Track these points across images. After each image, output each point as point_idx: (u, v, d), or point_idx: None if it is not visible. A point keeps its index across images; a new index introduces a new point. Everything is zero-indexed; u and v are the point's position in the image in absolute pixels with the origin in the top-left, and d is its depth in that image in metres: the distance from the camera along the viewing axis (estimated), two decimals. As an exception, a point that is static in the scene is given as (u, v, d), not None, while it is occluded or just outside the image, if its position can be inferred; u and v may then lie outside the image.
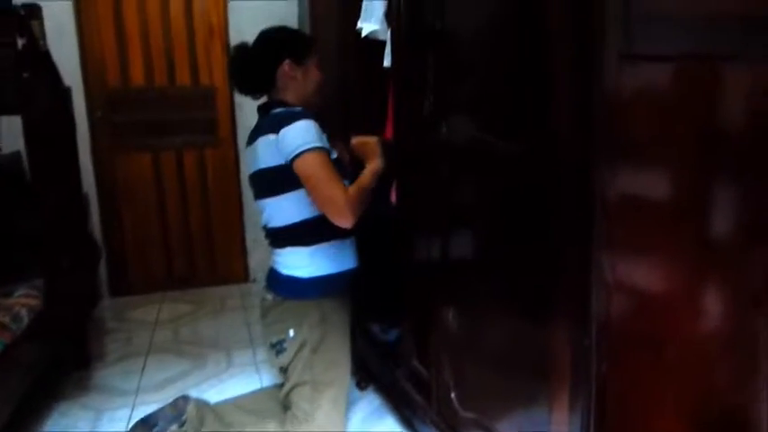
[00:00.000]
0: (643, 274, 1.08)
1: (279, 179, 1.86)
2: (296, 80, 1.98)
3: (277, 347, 1.94)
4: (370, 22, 2.13)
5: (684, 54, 1.05)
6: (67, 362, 2.63)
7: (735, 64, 1.09)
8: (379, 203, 1.94)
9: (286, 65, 1.95)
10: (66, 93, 2.84)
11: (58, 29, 3.23)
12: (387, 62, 2.01)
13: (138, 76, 3.65)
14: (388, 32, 1.95)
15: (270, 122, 1.88)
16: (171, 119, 3.75)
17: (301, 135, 1.80)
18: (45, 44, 2.57)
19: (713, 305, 1.15)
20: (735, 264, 1.14)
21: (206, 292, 3.79)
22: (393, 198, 2.00)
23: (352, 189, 1.84)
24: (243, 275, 3.94)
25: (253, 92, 2.03)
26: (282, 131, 1.80)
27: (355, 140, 2.03)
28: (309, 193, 1.82)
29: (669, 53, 1.04)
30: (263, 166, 1.87)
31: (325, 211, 1.81)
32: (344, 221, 1.79)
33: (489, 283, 1.42)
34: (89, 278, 3.15)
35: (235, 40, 3.49)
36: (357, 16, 2.17)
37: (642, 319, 1.10)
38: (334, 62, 2.45)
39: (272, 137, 1.83)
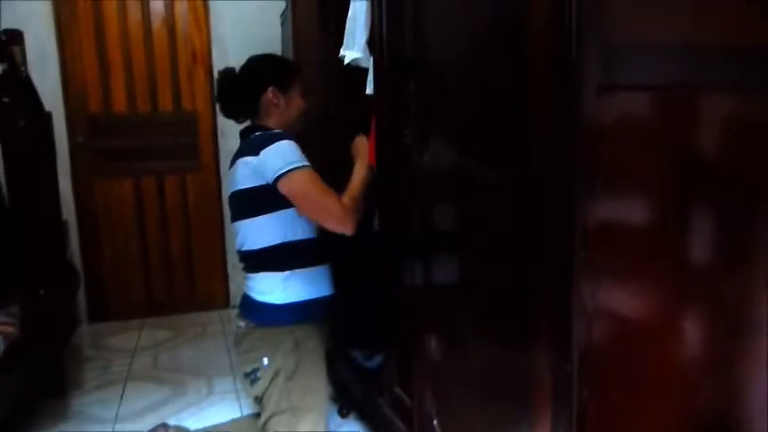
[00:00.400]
0: (623, 301, 1.09)
1: (255, 201, 1.86)
2: (279, 107, 2.01)
3: (251, 377, 1.92)
4: (353, 50, 2.14)
5: (663, 84, 1.07)
6: (44, 390, 2.58)
7: (712, 93, 1.11)
8: (361, 229, 1.94)
9: (270, 92, 1.98)
10: (46, 118, 2.83)
11: (40, 54, 3.23)
12: (369, 89, 2.03)
13: (120, 101, 3.65)
14: (371, 60, 1.97)
15: (249, 145, 1.89)
16: (153, 144, 3.74)
17: (284, 155, 1.81)
18: (26, 70, 2.57)
19: (692, 331, 1.16)
20: (712, 290, 1.15)
21: (186, 318, 3.76)
22: (375, 224, 2.01)
23: (346, 198, 1.87)
24: (224, 301, 3.92)
25: (236, 116, 2.06)
26: (263, 153, 1.81)
27: (356, 140, 2.08)
28: (304, 211, 1.85)
29: (647, 83, 1.06)
30: (240, 187, 1.88)
31: (326, 222, 1.83)
32: (347, 229, 1.82)
33: (471, 310, 1.42)
34: (67, 305, 3.11)
35: (218, 65, 3.51)
36: (339, 43, 2.19)
37: (623, 345, 1.10)
38: (316, 88, 2.46)
39: (250, 158, 1.84)
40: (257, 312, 1.93)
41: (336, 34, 2.22)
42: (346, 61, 2.16)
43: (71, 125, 3.56)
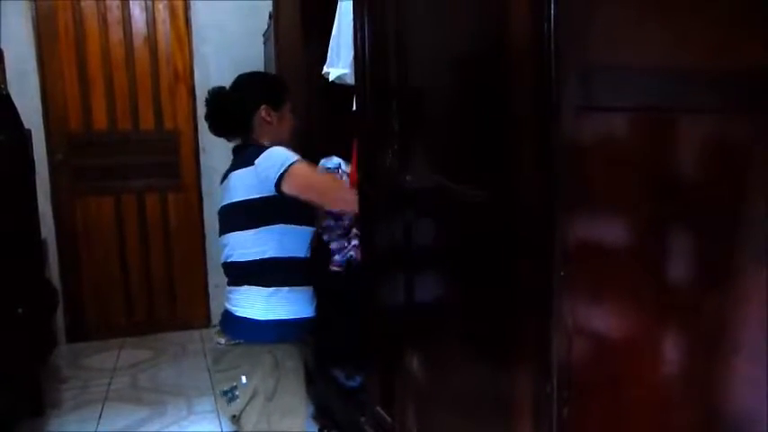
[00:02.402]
0: (603, 320, 1.10)
1: (249, 213, 1.87)
2: (271, 125, 2.04)
3: (229, 395, 1.90)
4: (337, 67, 2.16)
5: (642, 105, 1.08)
6: (21, 410, 2.54)
7: (691, 115, 1.12)
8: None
9: (263, 110, 2.01)
10: (26, 136, 2.81)
11: (20, 72, 3.22)
12: (355, 106, 2.04)
13: (100, 120, 3.64)
14: (356, 78, 1.98)
15: (244, 158, 1.91)
16: (133, 163, 3.73)
17: (278, 158, 1.85)
18: (5, 87, 2.56)
19: (671, 349, 1.17)
20: (691, 309, 1.16)
21: (166, 337, 3.72)
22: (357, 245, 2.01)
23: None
24: (204, 321, 3.89)
25: (228, 134, 2.05)
26: (258, 161, 1.84)
27: None
28: (313, 198, 1.90)
29: (627, 104, 1.07)
30: (236, 199, 1.88)
31: (335, 202, 1.93)
32: (350, 202, 1.83)
33: (452, 329, 1.43)
34: (45, 324, 3.07)
35: (200, 84, 3.52)
36: (323, 61, 2.20)
37: (602, 364, 1.11)
38: (300, 105, 2.47)
39: (246, 170, 1.86)
40: (237, 327, 1.92)
41: (320, 52, 2.24)
42: (331, 78, 2.17)
43: (51, 143, 3.54)
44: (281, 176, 1.80)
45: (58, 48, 3.52)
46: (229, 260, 1.94)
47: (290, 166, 1.82)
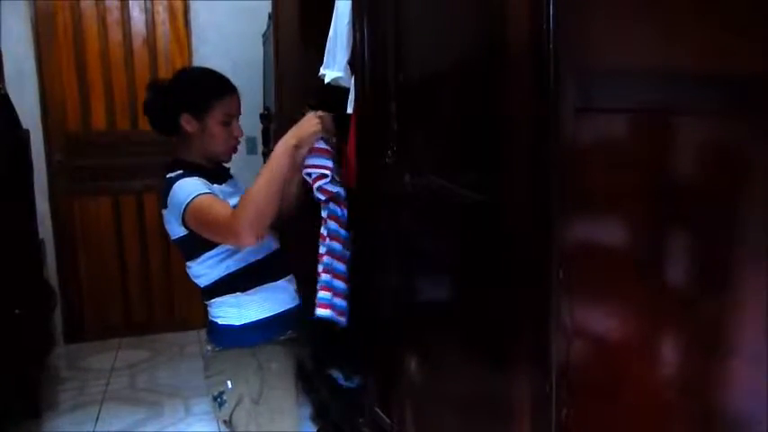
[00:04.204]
0: (601, 321, 1.10)
1: (188, 247, 1.83)
2: (195, 137, 1.87)
3: (218, 400, 1.89)
4: (333, 69, 2.15)
5: (639, 107, 1.08)
6: (18, 411, 2.53)
7: (688, 117, 1.12)
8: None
9: (183, 118, 1.84)
10: (24, 136, 2.81)
11: (18, 72, 3.22)
12: (350, 109, 2.03)
13: (99, 120, 3.64)
14: (352, 80, 1.98)
15: (162, 195, 1.84)
16: (132, 163, 3.72)
17: (181, 194, 1.74)
18: (4, 87, 2.55)
19: (669, 351, 1.17)
20: (689, 311, 1.16)
21: (164, 338, 3.72)
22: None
23: (241, 200, 1.67)
24: (202, 321, 3.83)
25: (163, 135, 1.95)
26: (168, 201, 1.78)
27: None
28: (209, 238, 1.75)
29: (624, 106, 1.07)
30: (171, 236, 1.86)
31: (224, 242, 1.73)
32: (242, 240, 1.64)
33: (451, 331, 1.43)
34: (43, 325, 3.07)
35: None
36: (320, 62, 2.20)
37: (601, 366, 1.11)
38: (298, 106, 2.47)
39: (165, 210, 1.81)
40: (219, 336, 1.91)
41: (318, 54, 2.23)
42: (327, 80, 2.17)
43: (49, 143, 3.53)
44: (183, 217, 1.72)
45: (57, 48, 3.52)
46: (197, 283, 1.93)
47: (188, 204, 1.70)
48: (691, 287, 1.17)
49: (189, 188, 1.74)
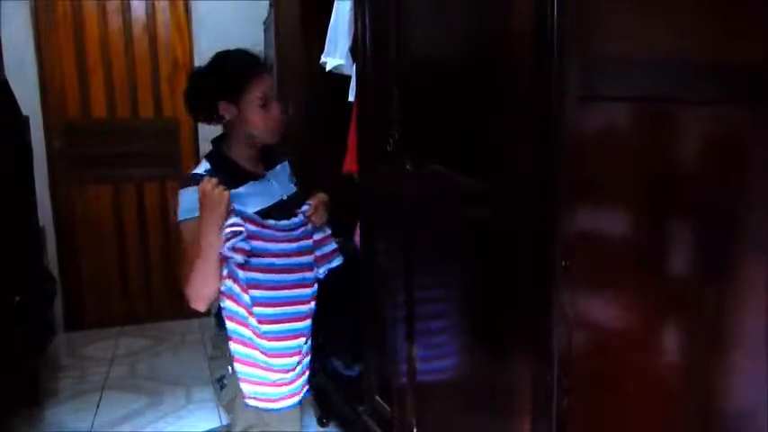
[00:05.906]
0: (603, 310, 1.09)
1: None
2: (236, 122, 1.85)
3: (220, 383, 1.90)
4: (335, 57, 2.14)
5: (642, 96, 1.08)
6: (18, 399, 2.54)
7: (692, 106, 1.12)
8: (344, 241, 1.93)
9: (221, 106, 1.83)
10: (24, 123, 2.79)
11: (17, 58, 3.19)
12: (351, 96, 2.03)
13: (99, 107, 3.62)
14: (353, 67, 1.97)
15: None
16: (132, 151, 3.71)
17: (181, 206, 1.79)
18: (3, 73, 2.54)
19: (671, 340, 1.17)
20: (691, 300, 1.16)
21: (165, 326, 3.71)
22: (356, 237, 2.00)
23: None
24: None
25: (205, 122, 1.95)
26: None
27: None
28: None
29: (627, 95, 1.07)
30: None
31: (183, 284, 1.77)
32: (192, 303, 1.74)
33: (452, 319, 1.42)
34: (43, 313, 3.06)
35: (200, 72, 3.48)
36: (322, 50, 2.19)
37: (603, 355, 1.11)
38: (299, 94, 2.46)
39: None
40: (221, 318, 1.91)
41: (320, 41, 2.22)
42: (328, 68, 2.16)
43: (49, 130, 3.51)
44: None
45: (57, 35, 3.50)
46: None
47: (179, 221, 1.78)
48: (694, 276, 1.17)
49: (184, 205, 1.77)
